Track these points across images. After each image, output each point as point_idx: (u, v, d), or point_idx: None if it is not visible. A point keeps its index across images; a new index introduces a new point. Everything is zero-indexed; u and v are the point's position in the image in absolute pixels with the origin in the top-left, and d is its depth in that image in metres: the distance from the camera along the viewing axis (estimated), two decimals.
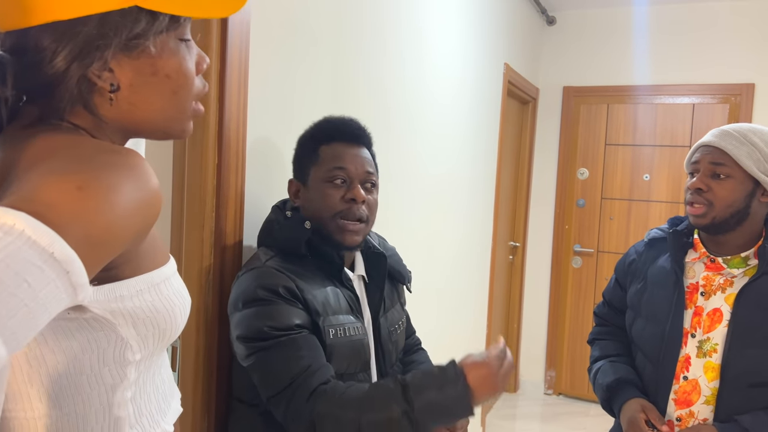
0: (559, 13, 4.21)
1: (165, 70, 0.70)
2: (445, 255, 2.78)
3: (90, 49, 0.64)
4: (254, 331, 1.15)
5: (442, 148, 2.64)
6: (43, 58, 0.64)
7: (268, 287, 1.18)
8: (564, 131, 4.26)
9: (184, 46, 0.72)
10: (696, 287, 1.50)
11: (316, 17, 1.66)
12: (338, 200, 1.28)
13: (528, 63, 3.99)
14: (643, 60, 4.00)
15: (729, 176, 1.42)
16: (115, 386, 0.69)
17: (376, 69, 2.01)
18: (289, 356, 1.13)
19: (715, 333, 1.45)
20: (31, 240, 0.50)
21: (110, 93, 0.68)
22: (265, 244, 1.33)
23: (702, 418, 1.45)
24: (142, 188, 0.61)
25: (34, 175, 0.57)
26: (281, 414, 1.13)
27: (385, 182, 2.05)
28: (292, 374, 1.12)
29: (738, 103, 3.81)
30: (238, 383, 1.31)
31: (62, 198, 0.54)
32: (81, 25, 0.64)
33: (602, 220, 4.20)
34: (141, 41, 0.67)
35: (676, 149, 3.97)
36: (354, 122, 1.35)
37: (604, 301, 1.77)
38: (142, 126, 0.72)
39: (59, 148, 0.62)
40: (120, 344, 0.67)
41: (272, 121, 1.52)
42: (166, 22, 0.68)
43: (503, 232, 3.98)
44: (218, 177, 1.35)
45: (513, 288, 4.31)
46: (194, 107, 0.76)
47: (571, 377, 4.33)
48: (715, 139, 1.45)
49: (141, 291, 0.68)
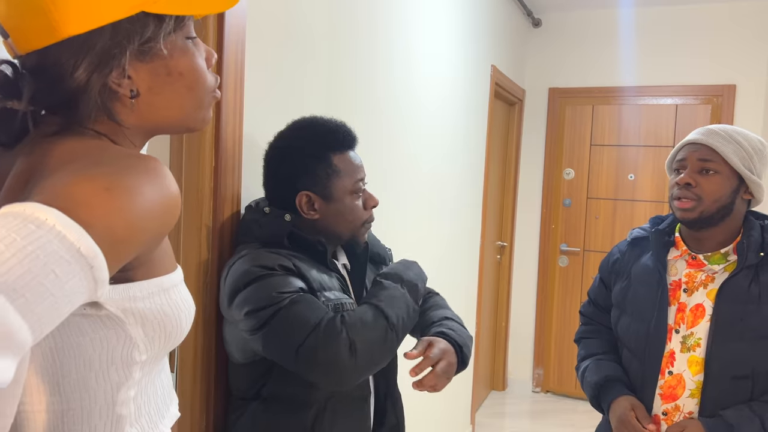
0: (544, 16, 4.27)
1: (178, 68, 0.74)
2: (434, 255, 2.81)
3: (107, 59, 0.68)
4: (264, 299, 1.16)
5: (431, 150, 2.68)
6: (64, 72, 0.68)
7: (266, 265, 1.20)
8: (550, 132, 4.31)
9: (192, 44, 0.76)
10: (679, 284, 1.54)
11: (310, 20, 1.69)
12: (362, 210, 1.35)
13: (514, 65, 4.04)
14: (627, 62, 4.07)
15: (717, 172, 1.46)
16: (120, 384, 0.71)
17: (368, 71, 2.04)
18: (306, 308, 1.16)
19: (698, 328, 1.49)
20: (61, 234, 0.53)
21: (131, 99, 0.71)
22: (245, 242, 1.34)
23: (687, 411, 1.48)
24: (164, 192, 0.64)
25: (63, 175, 0.60)
26: (312, 356, 1.12)
27: (375, 184, 2.08)
28: (317, 317, 1.15)
29: (720, 103, 3.88)
30: (238, 381, 1.32)
31: (91, 197, 0.57)
32: (95, 37, 0.67)
33: (588, 220, 4.26)
34: (152, 44, 0.70)
35: (660, 149, 4.04)
36: (347, 126, 1.37)
37: (589, 300, 1.81)
38: (162, 124, 0.76)
39: (85, 152, 0.66)
40: (128, 344, 0.70)
41: (268, 123, 1.54)
42: (173, 23, 0.72)
43: (491, 232, 4.02)
44: (215, 179, 1.37)
45: (501, 287, 4.36)
46: (212, 95, 0.79)
47: (558, 375, 4.38)
48: (702, 137, 1.49)
49: (152, 294, 0.70)
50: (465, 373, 3.45)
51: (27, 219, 0.53)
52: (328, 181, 1.30)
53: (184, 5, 0.72)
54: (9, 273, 0.49)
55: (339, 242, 1.39)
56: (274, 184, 1.36)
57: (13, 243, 0.51)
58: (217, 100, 0.81)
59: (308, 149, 1.31)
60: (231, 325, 1.27)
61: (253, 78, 1.46)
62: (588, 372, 1.65)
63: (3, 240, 0.50)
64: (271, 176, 1.36)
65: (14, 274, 0.49)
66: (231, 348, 1.30)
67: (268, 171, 1.37)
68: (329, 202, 1.31)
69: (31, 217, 0.53)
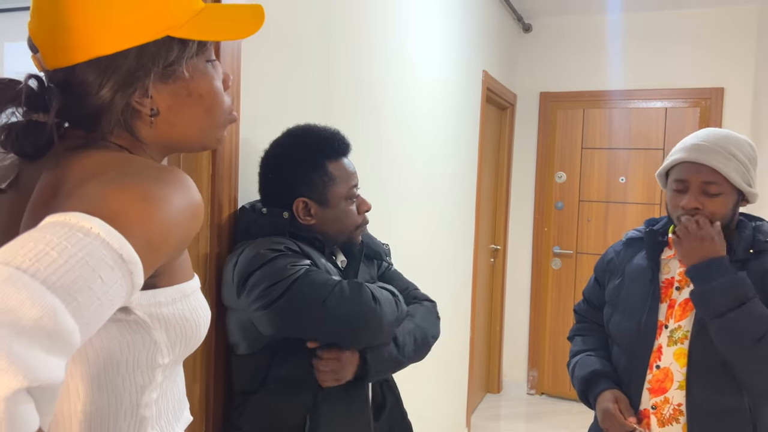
0: (534, 21, 4.31)
1: (198, 90, 0.77)
2: (428, 259, 2.83)
3: (132, 80, 0.71)
4: (279, 273, 1.21)
5: (424, 154, 2.71)
6: (90, 90, 0.71)
7: (275, 248, 1.26)
8: (541, 136, 4.36)
9: (211, 67, 0.80)
10: (671, 282, 1.58)
11: (305, 26, 1.71)
12: (356, 214, 1.41)
13: (505, 70, 4.08)
14: (617, 66, 4.12)
15: (720, 192, 1.47)
16: (144, 387, 0.74)
17: (363, 77, 2.07)
18: (322, 274, 1.25)
19: (685, 321, 1.53)
20: (105, 242, 0.57)
21: (150, 117, 0.75)
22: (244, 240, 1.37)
23: (677, 403, 1.52)
24: (191, 201, 0.68)
25: (97, 186, 0.63)
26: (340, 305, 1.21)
27: (369, 188, 2.11)
28: (334, 282, 1.24)
29: (708, 106, 3.93)
30: (241, 375, 1.35)
31: (129, 207, 0.61)
32: (121, 59, 0.71)
33: (580, 222, 4.30)
34: (175, 67, 0.74)
35: (650, 152, 4.09)
36: (341, 134, 1.41)
37: (584, 299, 1.85)
38: (179, 142, 0.80)
39: (111, 163, 0.69)
40: (153, 348, 0.73)
41: (264, 130, 1.56)
42: (195, 47, 0.76)
43: (484, 236, 4.05)
44: (212, 186, 1.39)
45: (495, 290, 4.38)
46: (228, 116, 0.83)
47: (553, 377, 4.41)
48: (701, 156, 1.47)
49: (175, 300, 0.74)
50: (460, 376, 3.47)
51: (74, 228, 0.56)
52: (324, 187, 1.36)
53: (208, 31, 0.75)
54: (63, 278, 0.53)
55: (335, 244, 1.44)
56: (270, 191, 1.40)
57: (65, 250, 0.54)
58: (233, 121, 0.84)
59: (304, 157, 1.36)
60: (237, 314, 1.30)
61: (249, 83, 1.49)
62: (577, 367, 1.69)
63: (55, 247, 0.54)
64: (267, 183, 1.41)
65: (68, 279, 0.53)
66: (236, 338, 1.33)
67: (264, 178, 1.41)
68: (325, 208, 1.37)
69: (78, 226, 0.56)
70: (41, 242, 0.54)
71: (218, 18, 0.78)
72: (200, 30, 0.75)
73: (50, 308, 0.51)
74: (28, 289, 0.50)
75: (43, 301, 0.50)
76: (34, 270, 0.52)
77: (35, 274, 0.51)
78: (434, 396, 3.03)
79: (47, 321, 0.50)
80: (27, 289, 0.50)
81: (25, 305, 0.49)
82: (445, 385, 3.20)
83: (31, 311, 0.49)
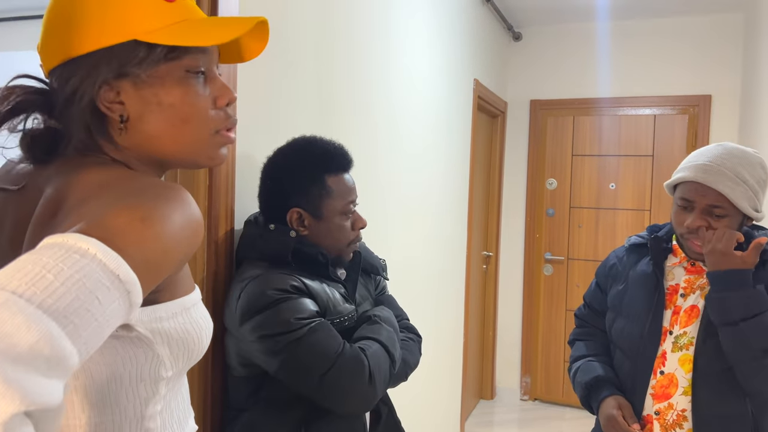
0: (524, 29, 4.36)
1: (168, 99, 0.76)
2: (421, 266, 2.85)
3: (93, 74, 0.73)
4: (282, 324, 1.21)
5: (417, 163, 2.73)
6: (66, 90, 0.74)
7: (279, 287, 1.25)
8: (532, 143, 4.39)
9: (195, 78, 0.78)
10: (676, 289, 1.59)
11: (299, 40, 1.73)
12: (350, 230, 1.41)
13: (496, 78, 4.11)
14: (606, 73, 4.16)
15: (725, 214, 1.48)
16: (148, 400, 0.75)
17: (356, 88, 2.08)
18: (326, 336, 1.24)
19: (691, 327, 1.53)
20: (102, 263, 0.58)
21: (121, 124, 0.75)
22: (249, 257, 1.39)
23: (681, 409, 1.52)
24: (191, 219, 0.69)
25: (98, 206, 0.64)
26: (336, 384, 1.21)
27: (362, 197, 2.12)
28: (336, 349, 1.23)
29: (696, 113, 3.98)
30: (237, 393, 1.35)
31: (127, 227, 0.62)
32: (89, 58, 0.73)
33: (571, 229, 4.33)
34: (139, 71, 0.74)
35: (640, 158, 4.13)
36: (344, 149, 1.42)
37: (584, 304, 1.85)
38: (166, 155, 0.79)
39: (113, 181, 0.70)
40: (156, 361, 0.74)
41: (260, 141, 1.58)
42: (163, 53, 0.75)
43: (477, 243, 4.08)
44: (209, 197, 1.40)
45: (487, 296, 4.40)
46: (221, 135, 0.81)
47: (546, 382, 4.43)
48: (710, 177, 1.46)
49: (176, 314, 0.75)
50: (454, 383, 3.48)
51: (71, 249, 0.57)
52: (320, 200, 1.36)
53: (177, 38, 0.74)
54: (60, 301, 0.53)
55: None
56: (268, 198, 1.42)
57: (61, 272, 0.55)
58: (229, 142, 0.82)
59: (304, 168, 1.37)
60: (235, 340, 1.31)
61: (245, 98, 1.50)
62: (579, 372, 1.70)
63: (52, 270, 0.54)
64: (266, 190, 1.42)
65: (64, 302, 0.54)
66: (233, 362, 1.34)
67: (264, 184, 1.42)
68: (319, 221, 1.37)
69: (75, 247, 0.57)
70: (38, 265, 0.54)
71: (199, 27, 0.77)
72: (170, 36, 0.74)
73: (46, 332, 0.51)
74: (23, 314, 0.51)
75: (39, 326, 0.51)
76: (30, 294, 0.52)
77: (31, 299, 0.52)
78: (428, 403, 3.04)
79: (43, 345, 0.51)
80: (22, 314, 0.50)
81: (21, 330, 0.50)
82: (438, 392, 3.21)
83: (27, 336, 0.50)
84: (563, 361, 4.37)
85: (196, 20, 0.78)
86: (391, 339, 1.36)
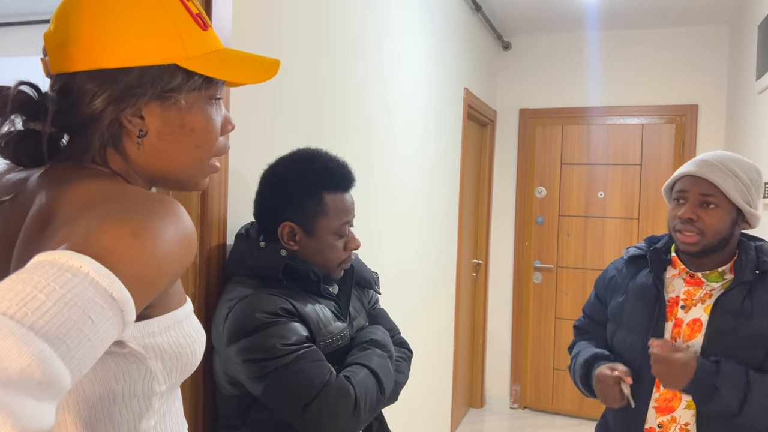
0: (514, 39, 4.38)
1: (191, 124, 0.77)
2: (413, 275, 2.85)
3: (127, 96, 0.72)
4: (268, 350, 1.18)
5: (408, 171, 2.73)
6: (84, 99, 0.72)
7: (268, 311, 1.22)
8: (521, 152, 4.41)
9: (215, 106, 0.80)
10: (676, 301, 1.60)
11: (290, 45, 1.73)
12: (342, 251, 1.37)
13: (486, 87, 4.13)
14: (594, 83, 4.20)
15: (717, 206, 1.50)
16: (141, 415, 0.74)
17: (347, 97, 2.08)
18: (312, 365, 1.20)
19: (695, 341, 1.54)
20: (95, 281, 0.56)
21: (138, 138, 0.75)
22: (238, 273, 1.35)
23: (684, 422, 1.53)
24: (184, 234, 0.67)
25: (89, 221, 0.62)
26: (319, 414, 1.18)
27: (356, 205, 2.12)
28: (321, 378, 1.19)
29: (683, 123, 4.02)
30: (225, 410, 1.33)
31: (119, 243, 0.60)
32: (123, 74, 0.71)
33: (560, 237, 4.35)
34: (174, 95, 0.74)
35: (628, 167, 4.16)
36: (347, 168, 1.37)
37: (584, 315, 1.85)
38: (163, 174, 0.79)
39: (106, 196, 0.68)
40: (149, 376, 0.72)
41: (252, 150, 1.57)
42: (200, 81, 0.76)
43: (467, 251, 4.08)
44: (202, 206, 1.39)
45: (477, 304, 4.41)
46: (211, 164, 0.82)
47: (535, 390, 4.43)
48: (702, 169, 1.51)
49: (168, 328, 0.73)
50: (444, 392, 3.48)
51: (62, 267, 0.55)
52: (315, 217, 1.32)
53: (217, 69, 0.76)
54: (52, 321, 0.52)
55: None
56: (262, 207, 1.38)
57: (53, 292, 0.53)
58: (215, 171, 0.83)
59: (303, 183, 1.32)
60: (223, 359, 1.28)
61: (237, 108, 1.49)
62: (579, 356, 1.70)
63: (43, 290, 0.53)
64: (261, 198, 1.38)
65: (56, 323, 0.52)
66: (221, 380, 1.31)
67: (260, 192, 1.38)
68: (310, 238, 1.33)
69: (66, 266, 0.55)
70: (29, 284, 0.53)
71: (231, 60, 0.79)
72: (209, 67, 0.75)
73: (38, 355, 0.49)
74: (14, 336, 0.49)
75: (31, 348, 0.49)
76: (21, 315, 0.50)
77: (22, 320, 0.50)
78: (418, 412, 3.03)
79: (35, 368, 0.49)
80: (13, 336, 0.49)
81: (12, 353, 0.48)
82: (429, 401, 3.20)
83: (18, 359, 0.48)
84: (552, 368, 4.38)
85: (226, 52, 0.79)
86: (383, 365, 1.33)
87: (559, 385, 4.35)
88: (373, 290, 1.56)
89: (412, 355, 1.53)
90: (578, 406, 4.27)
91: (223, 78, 0.77)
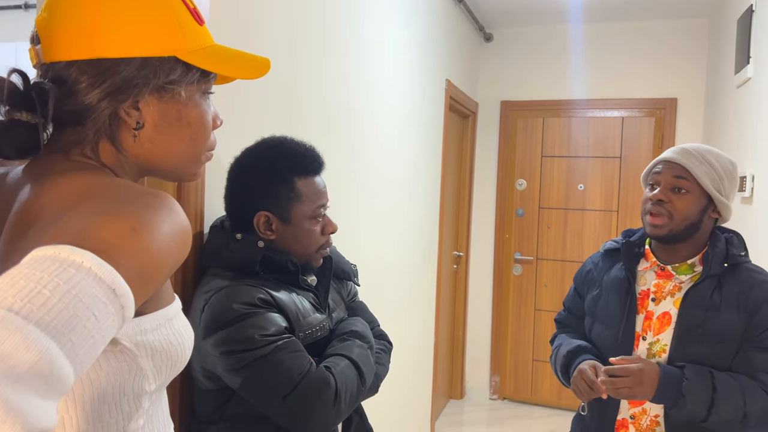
0: (495, 31, 4.38)
1: (188, 117, 0.77)
2: (393, 267, 2.84)
3: (126, 88, 0.71)
4: (246, 341, 1.16)
5: (389, 163, 2.71)
6: (80, 89, 0.70)
7: (245, 301, 1.20)
8: (502, 144, 4.42)
9: (208, 100, 0.80)
10: (647, 293, 1.61)
11: (270, 36, 1.70)
12: (320, 235, 1.35)
13: (467, 78, 4.12)
14: (576, 75, 4.21)
15: (688, 191, 1.53)
16: (131, 415, 0.72)
17: (327, 88, 2.06)
18: (292, 356, 1.18)
19: (664, 335, 1.56)
20: (98, 277, 0.54)
21: (135, 130, 0.73)
22: (214, 265, 1.33)
23: (654, 414, 1.55)
24: (180, 228, 0.66)
25: (84, 215, 0.60)
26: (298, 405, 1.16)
27: (333, 198, 2.10)
28: (301, 369, 1.18)
29: (663, 116, 4.05)
30: (203, 405, 1.31)
31: (120, 238, 0.58)
32: (123, 65, 0.70)
33: (540, 229, 4.37)
34: (173, 87, 0.74)
35: (608, 160, 4.19)
36: (315, 151, 1.36)
37: (564, 309, 1.87)
38: (159, 166, 0.78)
39: (97, 190, 0.66)
40: (139, 375, 0.71)
41: (230, 143, 1.54)
42: (197, 75, 0.76)
43: (448, 243, 4.08)
44: (179, 198, 1.36)
45: (457, 296, 4.42)
46: (206, 155, 0.83)
47: (515, 382, 4.47)
48: (676, 156, 1.55)
49: (159, 325, 0.72)
50: (424, 383, 3.48)
51: (65, 262, 0.53)
52: (289, 204, 1.31)
53: (215, 64, 0.77)
54: (58, 318, 0.50)
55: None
56: (234, 200, 1.35)
57: (57, 288, 0.51)
58: (208, 159, 0.84)
59: (273, 170, 1.30)
60: (200, 353, 1.25)
61: (215, 97, 1.46)
62: (562, 346, 1.71)
63: (47, 285, 0.51)
64: (232, 192, 1.35)
65: (62, 319, 0.51)
66: (198, 375, 1.29)
67: (230, 186, 1.36)
68: (287, 225, 1.32)
69: (68, 261, 0.54)
70: (32, 280, 0.51)
71: (226, 56, 0.80)
72: (207, 61, 0.76)
73: (46, 352, 0.48)
74: (21, 333, 0.48)
75: (38, 345, 0.48)
76: (27, 311, 0.49)
77: (28, 316, 0.49)
78: (399, 404, 3.03)
79: (43, 365, 0.48)
80: (21, 333, 0.48)
81: (20, 350, 0.47)
82: (409, 392, 3.20)
83: (27, 356, 0.47)
84: (532, 360, 4.41)
85: (220, 48, 0.80)
86: (364, 356, 1.32)
87: (539, 376, 4.39)
88: (352, 282, 1.54)
89: (392, 348, 1.52)
90: (557, 397, 4.31)
91: (221, 72, 0.78)
